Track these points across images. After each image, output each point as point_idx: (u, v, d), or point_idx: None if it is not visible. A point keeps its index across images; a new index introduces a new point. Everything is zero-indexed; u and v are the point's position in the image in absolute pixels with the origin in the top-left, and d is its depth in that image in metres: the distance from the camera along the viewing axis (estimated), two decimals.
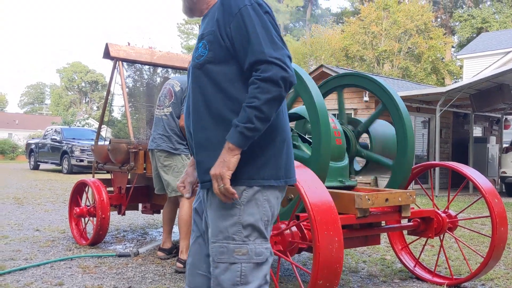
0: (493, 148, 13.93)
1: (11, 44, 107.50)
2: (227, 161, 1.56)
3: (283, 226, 2.68)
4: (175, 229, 5.02)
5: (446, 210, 3.61)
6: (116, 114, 4.95)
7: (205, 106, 1.67)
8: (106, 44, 5.26)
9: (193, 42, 44.38)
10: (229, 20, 1.62)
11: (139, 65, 5.66)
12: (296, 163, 2.68)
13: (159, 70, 5.89)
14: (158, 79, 5.99)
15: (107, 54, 5.28)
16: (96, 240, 4.70)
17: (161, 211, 4.64)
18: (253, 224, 1.63)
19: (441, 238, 3.68)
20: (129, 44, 5.49)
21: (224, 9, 1.64)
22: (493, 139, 14.34)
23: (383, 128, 3.96)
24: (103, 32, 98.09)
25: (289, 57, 1.60)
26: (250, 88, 1.56)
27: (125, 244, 4.91)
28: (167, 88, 4.20)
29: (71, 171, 15.92)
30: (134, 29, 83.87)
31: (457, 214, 3.71)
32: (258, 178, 1.64)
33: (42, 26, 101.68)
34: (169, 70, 5.85)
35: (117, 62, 5.25)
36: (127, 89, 5.33)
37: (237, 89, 1.63)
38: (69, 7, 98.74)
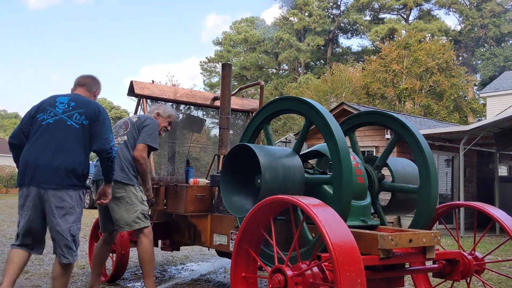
0: None
1: (37, 82, 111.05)
2: None
3: (304, 266, 2.63)
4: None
5: (473, 252, 3.49)
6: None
7: None
8: (131, 82, 5.38)
9: (215, 79, 45.14)
10: None
11: (163, 102, 5.76)
12: (317, 201, 2.65)
13: (181, 107, 5.98)
14: (181, 116, 6.07)
15: (131, 91, 5.39)
16: (115, 277, 4.67)
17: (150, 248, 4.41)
18: None
19: (468, 281, 3.55)
20: (153, 82, 5.61)
21: None
22: None
23: (404, 163, 3.91)
24: (128, 70, 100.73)
25: None
26: None
27: (143, 282, 4.87)
28: (123, 120, 4.18)
29: (93, 206, 16.05)
30: (159, 68, 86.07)
31: (484, 256, 3.59)
32: None
33: (68, 62, 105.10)
34: (192, 107, 5.94)
35: (141, 99, 5.35)
36: None
37: None
38: (94, 46, 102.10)
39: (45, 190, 3.18)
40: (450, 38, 37.05)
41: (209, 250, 6.37)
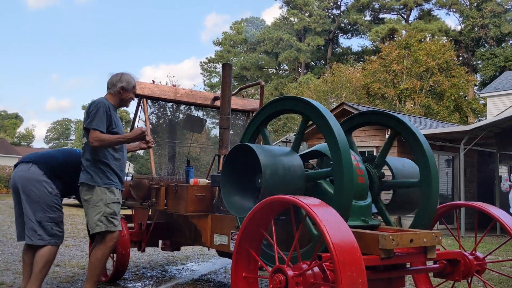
0: None
1: (37, 82, 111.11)
2: None
3: (305, 266, 2.62)
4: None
5: (474, 252, 3.48)
6: (139, 150, 5.00)
7: None
8: None
9: (215, 80, 45.14)
10: None
11: (163, 102, 5.75)
12: (318, 201, 2.65)
13: (182, 107, 5.97)
14: (181, 116, 6.07)
15: None
16: (116, 277, 4.67)
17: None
18: None
19: (469, 281, 3.54)
20: (153, 82, 5.60)
21: None
22: None
23: (404, 162, 3.91)
24: (128, 70, 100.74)
25: None
26: None
27: (144, 282, 4.87)
28: None
29: None
30: (159, 68, 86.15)
31: (485, 256, 3.58)
32: None
33: (68, 62, 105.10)
34: (192, 107, 5.93)
35: (142, 99, 5.34)
36: (150, 126, 5.40)
37: None
38: (94, 46, 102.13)
39: (18, 178, 3.80)
40: (451, 38, 37.04)
41: (209, 250, 6.37)
